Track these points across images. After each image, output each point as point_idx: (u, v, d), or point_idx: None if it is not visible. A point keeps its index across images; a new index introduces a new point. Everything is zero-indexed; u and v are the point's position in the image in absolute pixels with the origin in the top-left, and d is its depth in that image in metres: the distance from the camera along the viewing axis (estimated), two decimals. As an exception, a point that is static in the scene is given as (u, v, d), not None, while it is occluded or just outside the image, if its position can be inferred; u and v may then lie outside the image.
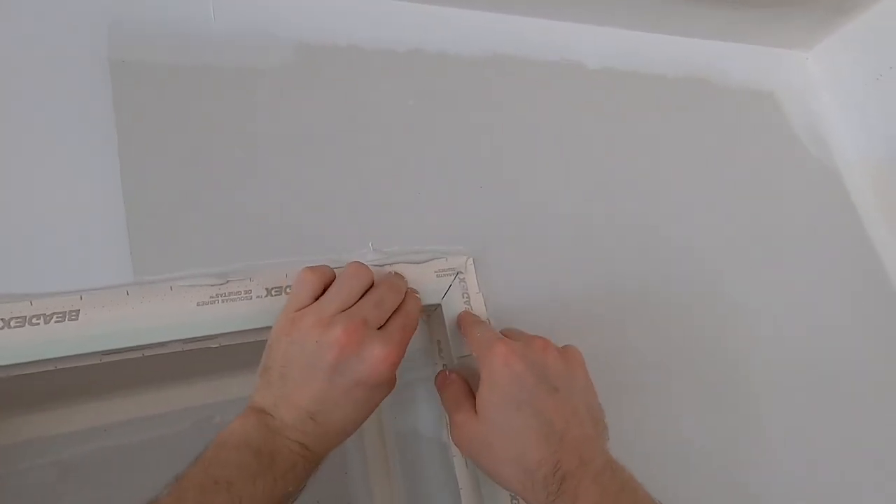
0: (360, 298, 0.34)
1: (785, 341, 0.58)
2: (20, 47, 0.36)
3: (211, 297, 0.35)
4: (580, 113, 0.57)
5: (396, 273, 0.40)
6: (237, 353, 0.41)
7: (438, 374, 0.39)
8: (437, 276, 0.42)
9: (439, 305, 0.42)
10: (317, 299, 0.34)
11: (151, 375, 0.58)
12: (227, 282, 0.36)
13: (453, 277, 0.43)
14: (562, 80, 0.58)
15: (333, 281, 0.35)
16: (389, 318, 0.35)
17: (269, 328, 0.36)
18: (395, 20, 0.51)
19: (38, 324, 0.31)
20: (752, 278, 0.59)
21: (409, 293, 0.38)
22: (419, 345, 0.47)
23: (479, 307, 0.43)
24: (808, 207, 0.69)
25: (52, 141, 0.36)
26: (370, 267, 0.37)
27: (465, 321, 0.40)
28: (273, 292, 0.37)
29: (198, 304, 0.35)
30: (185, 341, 0.36)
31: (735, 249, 0.60)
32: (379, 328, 0.34)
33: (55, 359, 0.33)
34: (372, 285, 0.36)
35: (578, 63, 0.60)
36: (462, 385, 0.38)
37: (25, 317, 0.31)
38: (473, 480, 0.39)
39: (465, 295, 0.43)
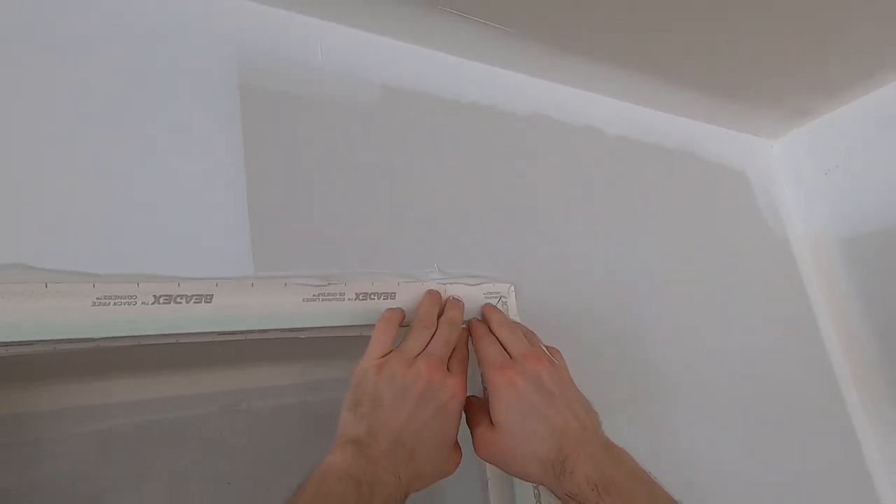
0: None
1: (733, 374, 0.71)
2: (174, 73, 0.43)
3: (314, 295, 0.42)
4: (600, 173, 0.68)
5: (454, 299, 0.47)
6: (271, 344, 0.45)
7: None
8: (486, 297, 0.51)
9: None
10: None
11: (185, 359, 0.62)
12: (329, 284, 0.43)
13: (497, 300, 0.51)
14: (586, 143, 0.69)
15: (403, 318, 0.43)
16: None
17: (354, 326, 0.43)
18: (460, 74, 0.60)
19: (180, 302, 0.37)
20: (711, 322, 0.72)
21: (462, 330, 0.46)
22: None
23: (516, 327, 0.51)
24: (762, 269, 0.83)
25: (196, 154, 0.42)
26: (439, 294, 0.45)
27: (476, 332, 0.46)
28: (360, 297, 0.44)
29: (303, 300, 0.42)
30: (283, 330, 0.42)
31: (700, 296, 0.72)
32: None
33: (176, 334, 0.38)
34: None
35: (600, 130, 0.71)
36: (475, 401, 0.44)
37: (172, 296, 0.37)
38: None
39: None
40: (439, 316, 0.45)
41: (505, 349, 0.43)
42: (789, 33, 0.64)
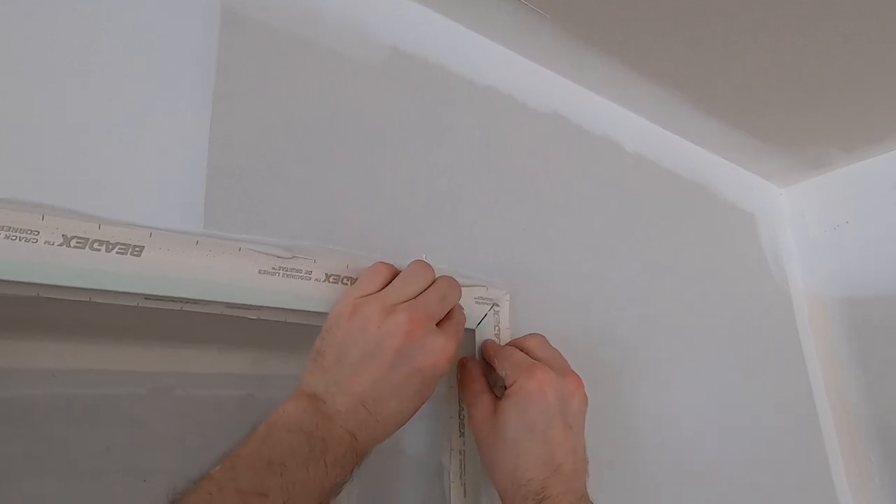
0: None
1: (718, 412, 0.65)
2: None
3: (273, 267, 0.34)
4: (612, 189, 0.62)
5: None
6: (218, 322, 0.37)
7: (459, 361, 0.42)
8: (476, 302, 0.44)
9: (473, 331, 0.43)
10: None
11: (111, 325, 0.53)
12: (294, 257, 0.35)
13: (489, 307, 0.44)
14: (602, 154, 0.63)
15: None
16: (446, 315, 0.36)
17: (318, 314, 0.35)
18: (480, 54, 0.54)
19: (98, 250, 0.29)
20: (702, 361, 0.66)
21: (457, 305, 0.39)
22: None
23: (506, 342, 0.44)
24: (759, 313, 0.79)
25: (152, 73, 0.34)
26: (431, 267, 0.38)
27: (496, 347, 0.42)
28: (331, 279, 0.36)
29: (259, 272, 0.34)
30: (229, 305, 0.34)
31: (694, 332, 0.67)
32: (437, 324, 0.35)
33: (88, 290, 0.30)
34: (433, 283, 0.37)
35: (618, 143, 0.65)
36: (478, 372, 0.40)
37: (88, 240, 0.28)
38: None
39: (497, 327, 0.44)
40: None
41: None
42: (817, 82, 0.62)
